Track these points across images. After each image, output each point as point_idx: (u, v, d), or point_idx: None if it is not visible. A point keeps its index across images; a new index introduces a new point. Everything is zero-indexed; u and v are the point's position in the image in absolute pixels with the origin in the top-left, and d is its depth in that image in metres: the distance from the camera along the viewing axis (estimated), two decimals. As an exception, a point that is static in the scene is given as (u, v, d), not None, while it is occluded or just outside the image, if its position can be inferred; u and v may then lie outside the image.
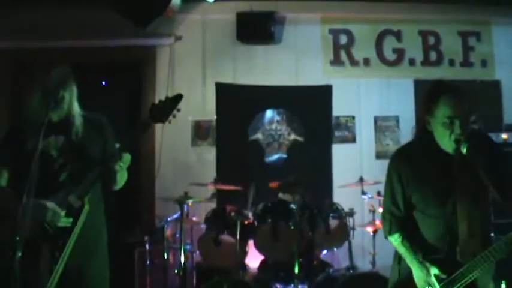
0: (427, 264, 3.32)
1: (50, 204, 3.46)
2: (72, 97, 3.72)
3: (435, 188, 3.38)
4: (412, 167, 3.45)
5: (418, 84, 7.56)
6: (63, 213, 3.47)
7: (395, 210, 3.52)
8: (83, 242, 3.54)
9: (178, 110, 3.64)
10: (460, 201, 3.29)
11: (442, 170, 3.37)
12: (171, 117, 3.64)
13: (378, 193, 6.08)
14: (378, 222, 6.05)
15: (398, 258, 3.58)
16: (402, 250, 3.46)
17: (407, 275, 3.44)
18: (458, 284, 3.23)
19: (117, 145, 3.66)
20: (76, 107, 3.76)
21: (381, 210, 4.65)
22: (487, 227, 3.45)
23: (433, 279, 3.27)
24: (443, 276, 3.27)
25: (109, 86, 7.86)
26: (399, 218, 3.51)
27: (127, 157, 3.65)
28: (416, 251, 3.39)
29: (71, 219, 3.48)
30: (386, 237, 3.61)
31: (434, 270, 3.29)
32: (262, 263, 6.29)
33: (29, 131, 3.58)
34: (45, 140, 3.55)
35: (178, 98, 3.63)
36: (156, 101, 3.66)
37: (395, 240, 3.52)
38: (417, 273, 3.36)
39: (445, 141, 3.31)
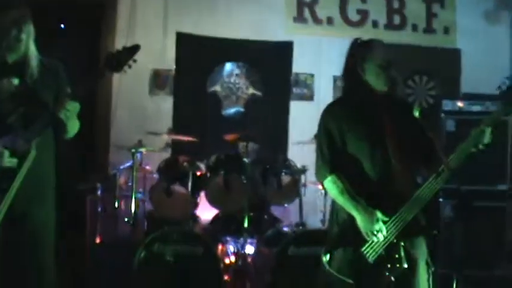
0: (371, 209, 3.38)
1: None
2: (29, 38, 3.61)
3: (368, 126, 3.50)
4: (343, 117, 3.54)
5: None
6: (7, 152, 3.40)
7: (330, 157, 3.56)
8: (28, 188, 3.46)
9: (135, 61, 3.58)
10: (391, 142, 3.46)
11: (376, 110, 3.52)
12: (126, 68, 3.58)
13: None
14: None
15: (335, 211, 3.60)
16: (343, 198, 3.46)
17: (346, 225, 3.46)
18: (401, 223, 3.34)
19: (68, 90, 3.61)
20: (33, 49, 3.65)
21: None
22: (414, 169, 3.61)
23: (381, 223, 3.33)
24: (386, 219, 3.35)
25: (67, 30, 7.71)
26: (334, 164, 3.55)
27: (74, 105, 3.54)
28: (357, 197, 3.43)
29: (15, 160, 3.43)
30: (321, 182, 3.64)
31: (378, 214, 3.35)
32: (215, 217, 6.32)
33: None
34: (-2, 82, 3.49)
35: (136, 48, 3.56)
36: (115, 49, 3.61)
37: (334, 184, 3.51)
38: (362, 220, 3.37)
39: (380, 82, 3.52)
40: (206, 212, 6.38)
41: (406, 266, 3.32)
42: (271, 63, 7.73)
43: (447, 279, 4.88)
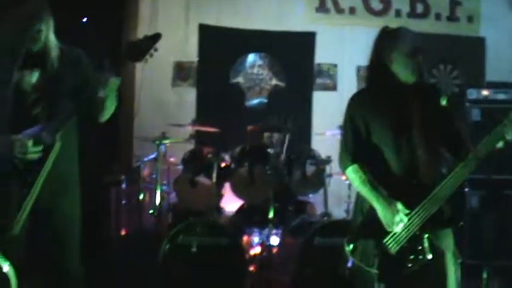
0: (392, 200, 3.35)
1: (15, 137, 3.38)
2: (48, 29, 3.57)
3: (394, 116, 3.44)
4: (368, 107, 3.50)
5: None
6: (30, 142, 3.39)
7: (353, 146, 3.54)
8: (53, 180, 3.44)
9: (156, 50, 3.54)
10: (418, 131, 3.40)
11: (403, 100, 3.45)
12: (148, 57, 3.54)
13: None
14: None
15: (360, 201, 3.57)
16: (365, 189, 3.43)
17: (370, 216, 3.43)
18: (426, 215, 3.29)
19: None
20: (52, 39, 3.60)
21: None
22: (440, 159, 3.56)
23: (402, 215, 3.30)
24: (407, 211, 3.32)
25: (89, 24, 7.70)
26: (357, 153, 3.53)
27: (114, 82, 3.49)
28: (379, 187, 3.40)
29: (40, 148, 3.41)
30: (344, 172, 3.61)
31: (399, 206, 3.32)
32: (240, 208, 6.31)
33: (2, 65, 3.48)
34: (19, 74, 3.47)
35: (157, 37, 3.50)
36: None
37: (356, 174, 3.49)
38: (383, 211, 3.35)
39: (407, 73, 3.44)
40: (231, 203, 6.36)
41: (429, 257, 3.28)
42: (294, 53, 7.72)
43: (477, 270, 4.80)
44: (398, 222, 3.30)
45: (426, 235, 3.31)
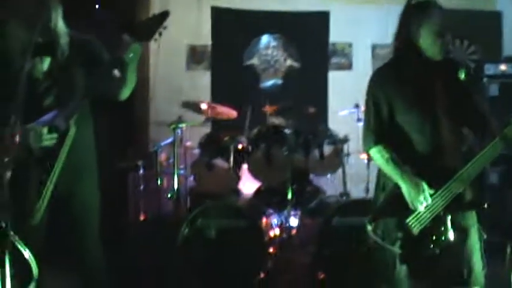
0: (417, 179, 3.29)
1: (30, 126, 3.36)
2: (57, 16, 3.54)
3: (418, 94, 3.35)
4: (392, 85, 3.42)
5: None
6: (45, 129, 3.37)
7: (376, 127, 3.47)
8: (71, 164, 3.44)
9: (165, 28, 3.48)
10: (442, 111, 3.33)
11: (428, 78, 3.37)
12: (157, 36, 3.48)
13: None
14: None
15: (382, 182, 3.52)
16: (389, 167, 3.38)
17: (393, 194, 3.38)
18: (450, 196, 3.25)
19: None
20: (61, 26, 3.57)
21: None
22: (463, 139, 3.49)
23: (426, 194, 3.25)
24: (431, 191, 3.27)
25: (101, 9, 7.68)
26: (380, 133, 3.46)
27: (135, 47, 3.40)
28: (403, 166, 3.34)
29: (55, 135, 3.39)
30: (367, 153, 3.55)
31: (424, 185, 3.27)
32: (257, 190, 6.29)
33: (12, 54, 3.46)
34: (31, 63, 3.44)
35: (165, 15, 3.40)
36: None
37: (380, 153, 3.43)
38: (407, 189, 3.29)
39: (435, 50, 3.34)
40: (248, 185, 6.34)
41: (452, 238, 3.24)
42: (308, 33, 7.72)
43: (498, 247, 4.75)
44: (422, 201, 3.25)
45: (449, 216, 3.26)
